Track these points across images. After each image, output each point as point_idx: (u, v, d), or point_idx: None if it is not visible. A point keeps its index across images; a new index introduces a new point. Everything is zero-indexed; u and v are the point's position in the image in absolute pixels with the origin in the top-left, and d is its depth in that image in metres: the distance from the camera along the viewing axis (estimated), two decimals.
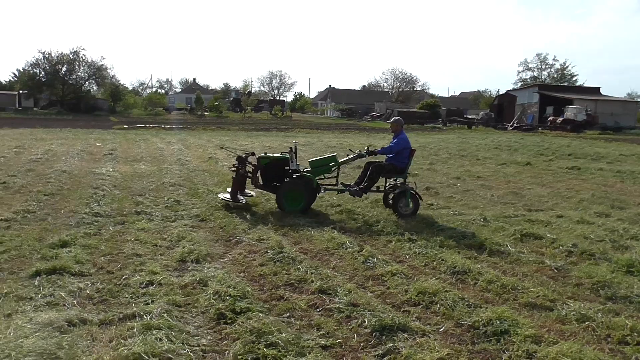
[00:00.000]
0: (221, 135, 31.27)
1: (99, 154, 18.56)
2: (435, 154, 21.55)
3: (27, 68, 65.83)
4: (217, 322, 4.69)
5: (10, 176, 12.47)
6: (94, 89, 70.38)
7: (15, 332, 4.15)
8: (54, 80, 63.86)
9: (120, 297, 5.21)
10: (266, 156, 9.95)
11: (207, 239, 7.51)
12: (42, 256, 6.36)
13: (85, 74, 66.94)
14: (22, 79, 66.95)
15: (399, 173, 9.90)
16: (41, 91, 65.17)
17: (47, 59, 64.27)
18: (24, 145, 20.47)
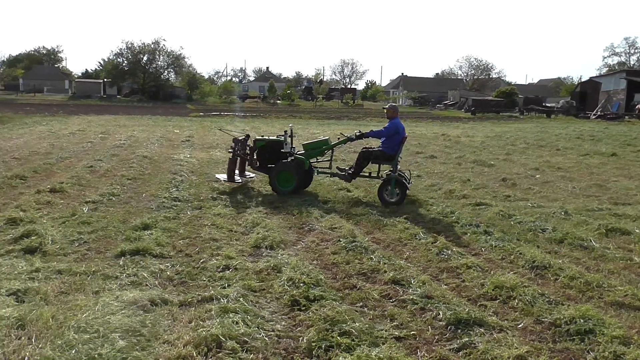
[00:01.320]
0: (293, 123, 31.58)
1: (177, 140, 19.23)
2: (512, 144, 20.81)
3: (112, 57, 69.26)
4: (291, 308, 4.75)
5: (97, 160, 13.16)
6: (173, 78, 72.90)
7: (103, 308, 4.37)
8: (135, 69, 66.77)
9: (199, 280, 5.39)
10: (262, 139, 10.35)
11: (281, 225, 7.62)
12: (126, 237, 6.68)
13: (164, 63, 69.54)
14: (107, 68, 70.43)
15: (387, 160, 9.74)
16: (124, 80, 68.38)
17: (130, 49, 67.27)
18: (108, 132, 21.54)
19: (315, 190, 10.21)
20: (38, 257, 5.85)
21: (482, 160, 15.34)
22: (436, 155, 16.49)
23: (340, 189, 10.27)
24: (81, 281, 5.17)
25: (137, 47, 67.33)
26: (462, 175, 12.50)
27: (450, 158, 16.14)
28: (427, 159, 15.82)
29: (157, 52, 68.43)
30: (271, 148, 10.12)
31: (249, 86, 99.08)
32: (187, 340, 3.97)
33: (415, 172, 12.81)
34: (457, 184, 11.14)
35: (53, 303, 4.59)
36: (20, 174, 10.69)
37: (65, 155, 14.04)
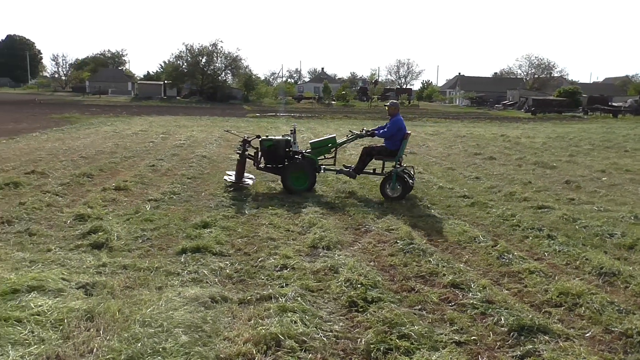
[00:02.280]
0: (348, 124, 31.54)
1: (235, 140, 19.55)
2: (575, 145, 20.06)
3: (172, 60, 71.36)
4: (348, 309, 4.74)
5: (158, 160, 13.57)
6: (230, 79, 74.38)
7: (166, 304, 4.50)
8: (194, 71, 68.55)
9: (257, 279, 5.46)
10: (269, 139, 10.12)
11: (337, 226, 7.62)
12: (186, 235, 6.85)
13: (222, 65, 71.06)
14: (167, 70, 72.58)
15: (390, 156, 9.84)
16: (183, 81, 70.31)
17: (190, 51, 69.07)
18: (169, 132, 22.16)
19: (371, 191, 10.16)
20: (105, 252, 6.08)
21: (544, 162, 14.87)
22: (495, 157, 16.10)
23: None
24: (145, 276, 5.33)
25: (196, 50, 69.13)
26: (522, 178, 12.15)
27: (510, 159, 15.72)
28: (485, 160, 15.47)
29: (215, 54, 70.02)
30: (278, 148, 10.04)
31: (304, 87, 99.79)
32: (246, 337, 4.03)
33: (474, 174, 12.57)
34: (518, 186, 10.83)
35: (119, 297, 4.76)
36: (88, 172, 11.15)
37: (129, 155, 14.53)
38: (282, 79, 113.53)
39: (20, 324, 4.01)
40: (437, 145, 19.75)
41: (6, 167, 11.67)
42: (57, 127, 23.33)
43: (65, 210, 8.04)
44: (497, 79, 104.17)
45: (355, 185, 10.59)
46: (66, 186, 9.77)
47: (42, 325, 4.03)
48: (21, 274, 5.01)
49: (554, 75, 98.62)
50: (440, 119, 40.05)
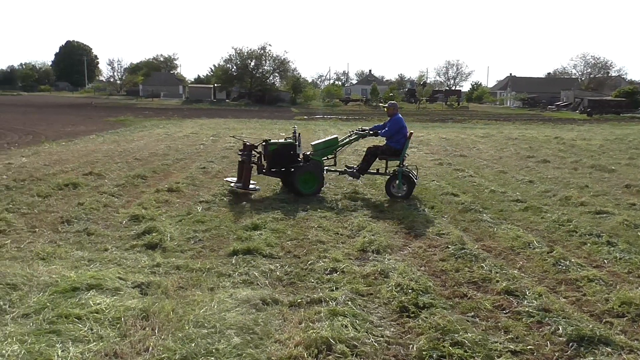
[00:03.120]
0: None
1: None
2: (635, 148, 19.26)
3: (222, 64, 72.71)
4: (399, 314, 4.68)
5: (209, 162, 13.82)
6: (278, 82, 75.13)
7: (218, 305, 4.55)
8: (243, 74, 69.71)
9: (307, 282, 5.46)
10: (274, 142, 9.99)
11: (387, 230, 7.55)
12: (237, 237, 6.93)
13: (270, 68, 72.05)
14: (217, 74, 74.03)
15: (395, 155, 9.87)
16: (232, 84, 71.58)
17: (239, 54, 70.23)
18: (218, 134, 22.55)
19: (420, 195, 10.03)
20: (158, 253, 6.22)
21: (602, 165, 14.33)
22: (549, 160, 15.64)
23: (446, 194, 10.01)
24: (197, 277, 5.42)
25: (245, 53, 70.25)
26: (579, 181, 11.74)
27: (565, 162, 15.23)
28: (539, 163, 15.04)
29: (264, 57, 71.00)
30: (283, 151, 9.87)
31: (351, 89, 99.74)
32: (297, 340, 4.03)
33: (527, 177, 12.24)
34: (574, 190, 10.47)
35: (173, 297, 4.85)
36: (141, 174, 11.45)
37: (180, 157, 14.86)
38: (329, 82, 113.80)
39: (80, 321, 4.14)
40: (488, 147, 19.35)
41: (65, 168, 12.13)
42: (112, 130, 24.11)
43: (120, 210, 8.28)
44: (550, 79, 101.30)
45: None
46: (121, 187, 10.07)
47: (101, 322, 4.15)
48: (80, 273, 5.18)
49: (612, 75, 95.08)
50: (490, 121, 39.26)
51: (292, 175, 9.62)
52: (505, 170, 13.38)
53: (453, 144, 20.22)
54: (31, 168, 11.99)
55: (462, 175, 12.41)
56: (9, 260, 5.71)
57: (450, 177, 12.29)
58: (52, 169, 11.89)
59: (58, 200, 8.84)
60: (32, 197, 8.87)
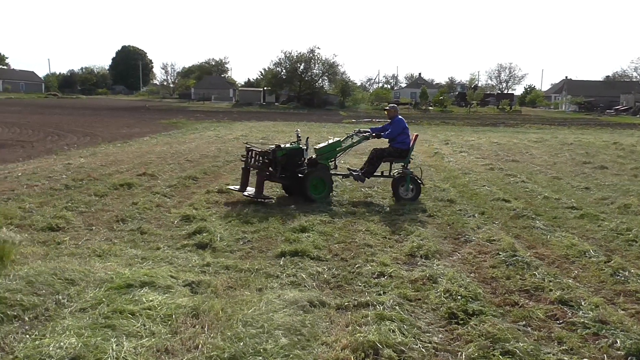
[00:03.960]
0: (446, 130, 30.93)
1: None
2: None
3: (271, 67, 73.53)
4: (448, 321, 4.61)
5: None
6: (326, 85, 75.39)
7: (267, 305, 4.60)
8: (292, 78, 70.27)
9: (354, 285, 5.45)
10: (283, 148, 9.62)
11: (435, 235, 7.46)
12: (285, 239, 6.99)
13: (319, 71, 72.29)
14: (267, 77, 74.97)
15: (401, 157, 9.88)
16: (282, 87, 72.30)
17: (288, 58, 70.86)
18: (268, 137, 22.78)
19: (470, 200, 9.86)
20: (208, 253, 6.34)
21: None
22: (607, 166, 15.07)
23: (497, 200, 9.80)
24: (246, 277, 5.50)
25: (294, 57, 70.80)
26: (639, 189, 11.27)
27: (624, 169, 14.64)
28: (596, 169, 14.52)
29: (313, 61, 71.32)
30: (292, 156, 9.60)
31: (401, 93, 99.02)
32: (344, 344, 4.03)
33: (583, 183, 11.85)
34: (634, 198, 10.04)
35: (222, 296, 4.94)
36: (193, 175, 11.72)
37: (230, 159, 15.09)
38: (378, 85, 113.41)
39: (134, 316, 4.26)
40: (542, 153, 18.82)
41: (121, 169, 12.52)
42: (165, 132, 24.75)
43: (172, 210, 8.48)
44: (608, 82, 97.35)
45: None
46: (173, 188, 10.33)
47: (153, 319, 4.26)
48: (134, 270, 5.34)
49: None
50: (544, 126, 38.20)
51: (302, 180, 9.38)
52: (559, 176, 12.99)
53: (505, 149, 19.78)
54: (89, 168, 12.45)
55: (513, 181, 12.12)
56: (68, 257, 5.94)
57: (502, 182, 12.02)
58: (108, 170, 12.30)
59: (113, 199, 9.13)
60: (90, 197, 9.20)
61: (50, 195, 9.27)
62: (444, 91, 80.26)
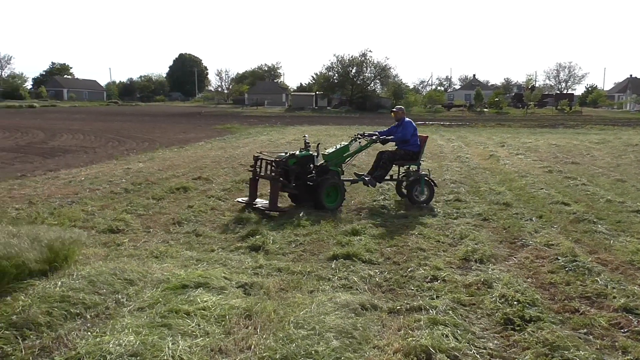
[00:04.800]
0: (501, 132, 30.20)
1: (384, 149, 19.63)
2: None
3: (323, 71, 73.97)
4: (504, 327, 4.48)
5: None
6: (379, 89, 75.10)
7: (318, 307, 4.61)
8: (344, 82, 70.43)
9: (406, 289, 5.39)
10: (294, 155, 9.10)
11: (491, 239, 7.28)
12: (337, 242, 6.99)
13: (371, 75, 72.14)
14: (319, 81, 75.48)
15: (412, 159, 9.70)
16: (333, 91, 72.61)
17: (340, 62, 71.06)
18: (320, 140, 22.78)
19: (527, 203, 9.58)
20: (261, 255, 6.42)
21: None
22: None
23: (555, 203, 9.48)
24: (298, 280, 5.53)
25: (346, 60, 70.93)
26: None
27: None
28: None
29: (365, 64, 71.24)
30: (303, 164, 9.15)
31: (454, 95, 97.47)
32: (396, 347, 3.98)
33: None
34: None
35: (274, 298, 4.98)
36: (246, 179, 11.81)
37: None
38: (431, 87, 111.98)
39: (189, 316, 4.35)
40: (604, 154, 18.10)
41: (177, 173, 12.86)
42: (219, 137, 25.26)
43: (226, 213, 8.64)
44: None
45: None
46: (227, 191, 10.53)
47: (207, 319, 4.34)
48: (189, 271, 5.46)
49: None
50: (607, 126, 36.73)
51: (316, 188, 8.91)
52: (623, 179, 12.44)
53: (564, 151, 19.13)
54: (147, 173, 12.84)
55: (573, 184, 11.69)
56: (127, 258, 6.14)
57: (561, 185, 11.62)
58: (165, 174, 12.65)
59: (170, 203, 9.38)
60: (148, 200, 9.49)
61: (111, 199, 9.63)
62: (499, 92, 78.37)
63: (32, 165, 14.62)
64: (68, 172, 13.02)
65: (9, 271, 4.92)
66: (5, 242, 5.05)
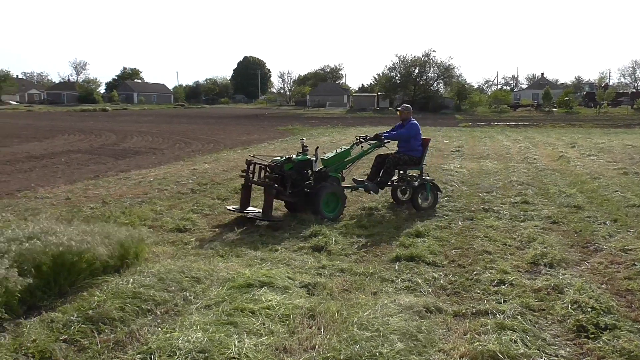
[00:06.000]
0: (572, 133, 29.04)
1: (447, 150, 19.32)
2: None
3: (385, 72, 73.50)
4: (576, 334, 4.30)
5: None
6: (442, 89, 73.92)
7: (382, 309, 4.57)
8: (407, 82, 69.80)
9: (472, 292, 5.27)
10: (290, 160, 8.47)
11: (561, 242, 7.00)
12: (400, 243, 6.93)
13: (434, 75, 71.15)
14: (381, 82, 75.12)
15: (415, 164, 9.36)
16: (396, 92, 71.97)
17: (403, 62, 70.45)
18: None
19: (601, 206, 9.15)
20: (324, 255, 6.44)
21: None
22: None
23: (631, 206, 9.00)
24: (361, 281, 5.52)
25: (409, 61, 70.25)
26: None
27: None
28: None
29: (427, 64, 70.32)
30: (300, 169, 8.56)
31: (521, 94, 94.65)
32: (462, 352, 3.90)
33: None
34: None
35: (337, 298, 4.99)
36: None
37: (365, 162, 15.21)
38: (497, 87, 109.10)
39: (254, 315, 4.43)
40: None
41: (241, 173, 13.09)
42: (282, 138, 25.58)
43: (288, 214, 8.70)
44: None
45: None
46: None
47: (272, 318, 4.40)
48: (254, 270, 5.55)
49: None
50: None
51: (314, 196, 8.32)
52: None
53: None
54: (212, 173, 13.17)
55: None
56: (194, 256, 6.32)
57: (638, 188, 11.03)
58: (229, 174, 12.93)
59: (234, 203, 9.56)
60: (213, 200, 9.74)
61: (178, 199, 9.93)
62: (569, 91, 75.30)
63: (105, 166, 15.30)
64: (138, 173, 13.54)
65: (84, 268, 5.18)
66: (80, 240, 5.29)
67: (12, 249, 4.95)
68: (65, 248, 5.05)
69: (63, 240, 5.13)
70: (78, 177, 12.80)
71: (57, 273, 4.96)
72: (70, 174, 13.55)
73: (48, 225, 5.73)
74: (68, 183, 11.87)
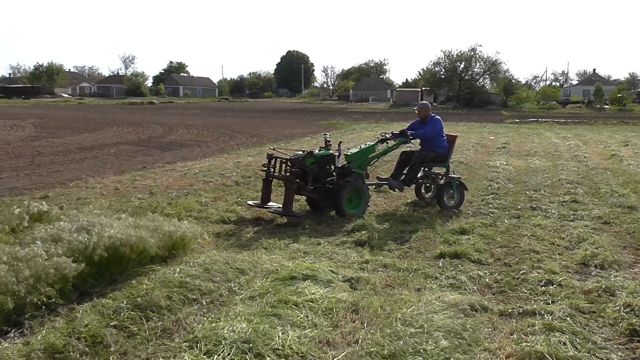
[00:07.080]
0: (625, 131, 28.06)
1: (492, 147, 18.96)
2: None
3: (430, 67, 72.63)
4: (629, 338, 4.15)
5: None
6: (488, 84, 72.51)
7: (426, 306, 4.53)
8: (452, 77, 68.79)
9: (519, 291, 5.16)
10: (312, 154, 8.24)
11: (613, 244, 6.78)
12: (444, 240, 6.84)
13: (480, 70, 69.97)
14: (425, 77, 74.31)
15: (442, 161, 9.05)
16: (440, 87, 71.11)
17: (448, 57, 69.44)
18: None
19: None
20: (367, 250, 6.42)
21: None
22: None
23: None
24: (404, 277, 5.47)
25: (454, 56, 69.23)
26: None
27: None
28: None
29: (473, 59, 69.12)
30: (322, 164, 8.34)
31: (571, 90, 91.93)
32: (509, 352, 3.82)
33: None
34: None
35: (380, 294, 4.96)
36: None
37: (388, 159, 15.10)
38: (545, 83, 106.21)
39: (297, 307, 4.45)
40: None
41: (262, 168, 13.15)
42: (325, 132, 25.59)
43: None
44: None
45: None
46: None
47: (315, 311, 4.41)
48: (297, 263, 5.58)
49: None
50: None
51: (337, 192, 8.13)
52: None
53: None
54: (255, 166, 13.28)
55: None
56: (238, 248, 6.40)
57: None
58: None
59: (277, 196, 9.60)
60: (257, 193, 9.81)
61: (223, 191, 10.08)
62: (622, 88, 72.71)
63: (152, 158, 15.66)
64: (184, 165, 13.80)
65: (132, 257, 5.31)
66: (129, 232, 5.43)
67: (65, 238, 5.12)
68: (118, 241, 5.19)
69: (116, 234, 5.26)
70: (126, 168, 13.15)
71: (108, 262, 5.11)
72: (119, 165, 13.93)
73: (103, 219, 5.89)
74: (117, 174, 12.21)
